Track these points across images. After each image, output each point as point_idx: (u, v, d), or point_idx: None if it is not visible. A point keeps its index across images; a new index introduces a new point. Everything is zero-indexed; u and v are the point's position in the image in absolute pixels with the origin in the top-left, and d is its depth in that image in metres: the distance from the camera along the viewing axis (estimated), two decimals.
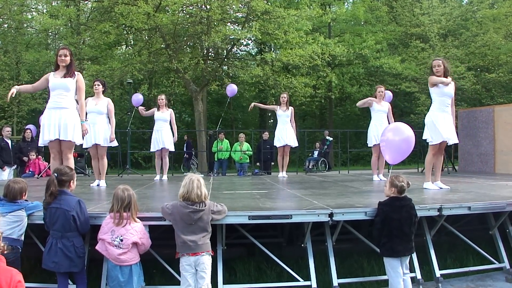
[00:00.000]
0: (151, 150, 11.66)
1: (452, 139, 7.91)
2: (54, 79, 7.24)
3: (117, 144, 9.84)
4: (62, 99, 7.20)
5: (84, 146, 9.20)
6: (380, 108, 10.24)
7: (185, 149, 22.61)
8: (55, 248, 4.71)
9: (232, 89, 14.75)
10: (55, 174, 4.92)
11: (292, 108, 12.22)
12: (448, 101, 7.80)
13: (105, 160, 9.29)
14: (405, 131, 6.86)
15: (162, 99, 11.51)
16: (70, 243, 4.73)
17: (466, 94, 28.51)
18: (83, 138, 7.46)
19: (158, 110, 11.43)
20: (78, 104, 7.43)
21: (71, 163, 7.13)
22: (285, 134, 12.07)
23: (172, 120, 11.49)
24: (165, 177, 11.45)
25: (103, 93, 9.37)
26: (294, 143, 12.23)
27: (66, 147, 7.26)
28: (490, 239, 6.46)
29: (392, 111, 10.38)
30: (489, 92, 29.15)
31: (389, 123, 9.87)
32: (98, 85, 9.34)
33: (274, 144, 12.47)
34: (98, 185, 9.16)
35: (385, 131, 7.25)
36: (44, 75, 7.40)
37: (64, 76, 7.22)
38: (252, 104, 12.92)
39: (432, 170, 8.22)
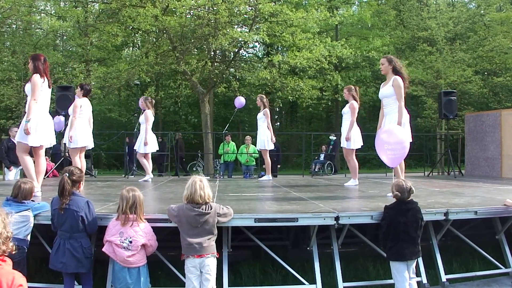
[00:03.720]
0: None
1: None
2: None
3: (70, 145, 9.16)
4: None
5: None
6: (344, 110, 10.21)
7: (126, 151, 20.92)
8: (63, 248, 4.74)
9: (240, 102, 14.81)
10: (67, 174, 4.94)
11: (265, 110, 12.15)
12: (384, 102, 7.75)
13: (75, 161, 9.06)
14: (399, 134, 6.70)
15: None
16: (78, 243, 4.76)
17: (473, 98, 28.44)
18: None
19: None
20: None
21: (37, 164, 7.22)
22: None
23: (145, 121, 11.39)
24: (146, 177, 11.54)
25: (84, 96, 9.38)
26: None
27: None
28: (497, 243, 6.44)
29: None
30: (496, 96, 29.05)
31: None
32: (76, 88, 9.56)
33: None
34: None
35: (379, 134, 7.01)
36: (38, 82, 7.05)
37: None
38: None
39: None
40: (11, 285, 2.56)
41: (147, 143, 11.15)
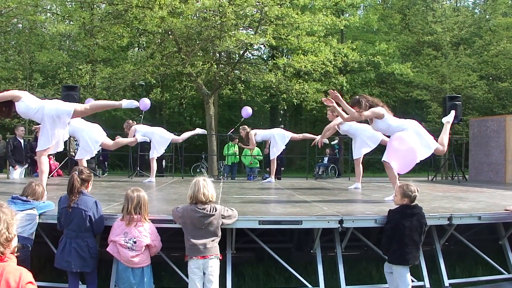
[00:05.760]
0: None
1: None
2: None
3: None
4: None
5: None
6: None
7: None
8: (69, 247, 4.76)
9: (247, 112, 14.93)
10: (76, 172, 4.98)
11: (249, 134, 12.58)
12: None
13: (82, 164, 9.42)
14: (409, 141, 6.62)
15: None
16: (85, 243, 4.79)
17: (478, 103, 28.39)
18: None
19: None
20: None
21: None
22: None
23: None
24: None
25: None
26: None
27: None
28: (500, 249, 6.44)
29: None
30: (501, 101, 29.00)
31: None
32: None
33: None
34: None
35: (391, 140, 6.90)
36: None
37: None
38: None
39: None
40: (18, 281, 2.47)
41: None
